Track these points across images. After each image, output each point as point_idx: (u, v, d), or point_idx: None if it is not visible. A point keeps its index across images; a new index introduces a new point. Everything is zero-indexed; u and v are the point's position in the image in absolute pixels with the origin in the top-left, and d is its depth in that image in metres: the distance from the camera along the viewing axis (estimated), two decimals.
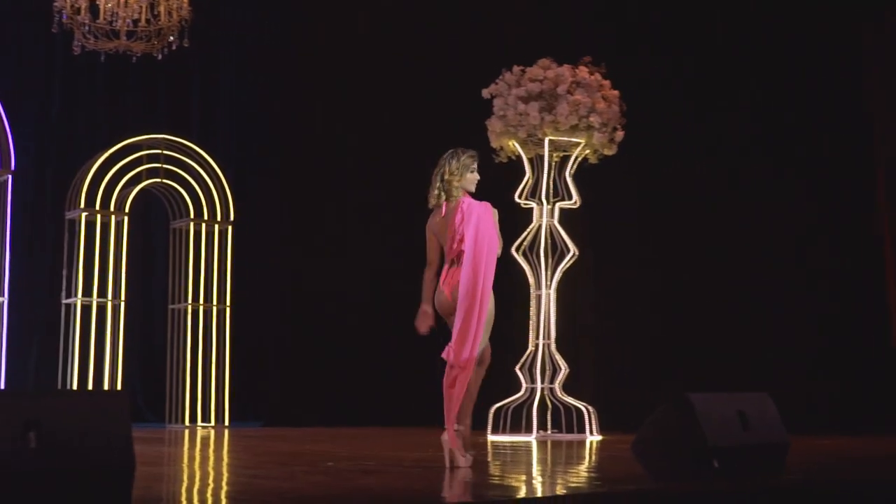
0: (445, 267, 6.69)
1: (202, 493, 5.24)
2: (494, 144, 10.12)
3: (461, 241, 6.59)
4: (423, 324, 6.74)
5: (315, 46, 12.40)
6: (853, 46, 10.91)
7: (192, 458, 7.61)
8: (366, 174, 12.47)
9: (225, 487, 5.55)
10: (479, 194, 11.91)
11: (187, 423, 11.64)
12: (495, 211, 6.78)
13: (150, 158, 11.70)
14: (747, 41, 11.22)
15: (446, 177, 6.74)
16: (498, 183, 10.63)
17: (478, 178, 6.80)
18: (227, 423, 11.72)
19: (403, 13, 12.56)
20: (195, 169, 11.81)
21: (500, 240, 6.75)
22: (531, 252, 10.14)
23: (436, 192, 6.77)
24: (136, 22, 10.20)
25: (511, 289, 10.98)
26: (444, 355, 6.50)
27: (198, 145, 11.91)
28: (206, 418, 11.68)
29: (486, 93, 10.09)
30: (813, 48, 10.98)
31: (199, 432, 10.90)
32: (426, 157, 12.29)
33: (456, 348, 6.49)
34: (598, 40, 10.90)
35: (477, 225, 6.58)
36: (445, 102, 12.41)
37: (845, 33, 10.93)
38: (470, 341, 6.52)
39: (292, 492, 5.18)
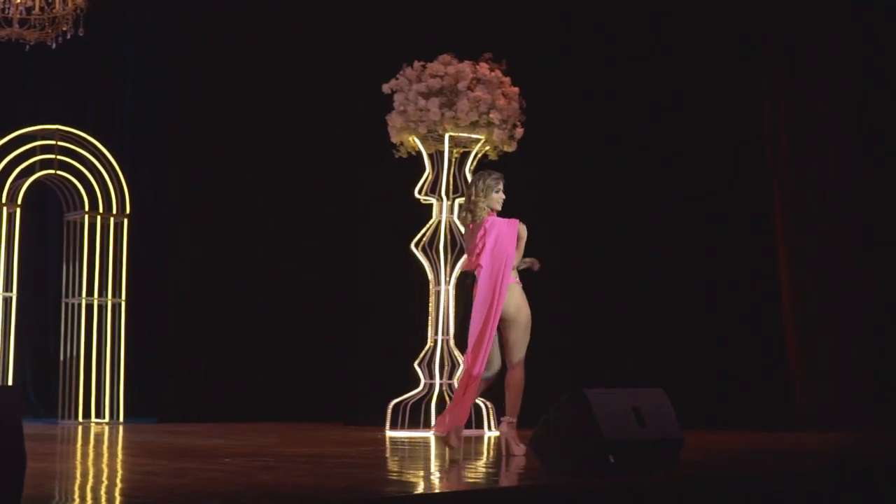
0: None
1: (95, 490, 5.16)
2: (394, 140, 10.11)
3: (479, 255, 7.16)
4: None
5: (217, 37, 12.24)
6: (753, 54, 11.05)
7: (85, 455, 7.49)
8: (268, 168, 12.35)
9: (119, 484, 5.48)
10: (377, 189, 11.95)
11: (81, 419, 11.44)
12: (523, 226, 7.39)
13: (44, 149, 11.47)
14: (647, 41, 11.31)
15: (473, 198, 7.30)
16: (398, 178, 10.67)
17: (503, 197, 7.35)
18: (121, 419, 11.55)
19: (304, 5, 12.48)
20: (90, 160, 11.62)
21: (517, 254, 7.35)
22: (430, 248, 10.14)
23: (464, 213, 7.39)
24: (29, 10, 10.00)
25: (410, 285, 11.00)
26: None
27: (94, 136, 11.72)
28: (99, 414, 11.50)
29: (386, 88, 10.06)
30: (712, 51, 11.10)
31: (93, 429, 10.74)
32: (328, 151, 12.34)
33: (472, 358, 7.14)
34: (498, 37, 10.93)
35: (496, 241, 7.16)
36: (346, 96, 12.37)
37: (745, 39, 11.07)
38: (483, 351, 7.15)
39: (186, 488, 5.13)
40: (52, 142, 11.51)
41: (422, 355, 10.11)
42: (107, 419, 11.47)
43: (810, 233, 10.59)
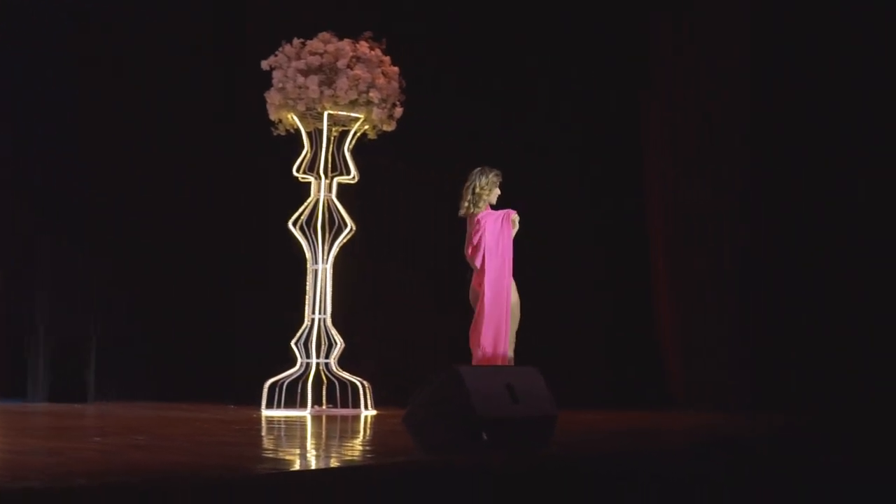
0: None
1: None
2: (273, 117, 10.04)
3: (475, 246, 7.98)
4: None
5: (88, 14, 11.97)
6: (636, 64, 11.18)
7: None
8: (145, 142, 12.13)
9: None
10: (255, 166, 11.79)
11: None
12: (516, 216, 8.23)
13: None
14: (531, 29, 11.36)
15: (477, 190, 8.06)
16: (277, 156, 10.61)
17: (499, 192, 8.11)
18: None
19: None
20: None
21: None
22: (308, 226, 10.11)
23: (466, 203, 8.08)
24: None
25: (289, 263, 10.96)
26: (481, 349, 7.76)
27: None
28: None
29: (265, 64, 9.99)
30: (597, 51, 11.20)
31: None
32: (206, 127, 12.17)
33: (492, 342, 7.79)
34: (379, 16, 10.90)
35: (491, 233, 7.95)
36: (223, 72, 12.23)
37: (631, 33, 11.18)
38: (504, 336, 7.87)
39: (56, 467, 5.05)
40: None
41: (298, 334, 10.08)
42: None
43: (683, 213, 10.79)
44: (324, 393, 10.04)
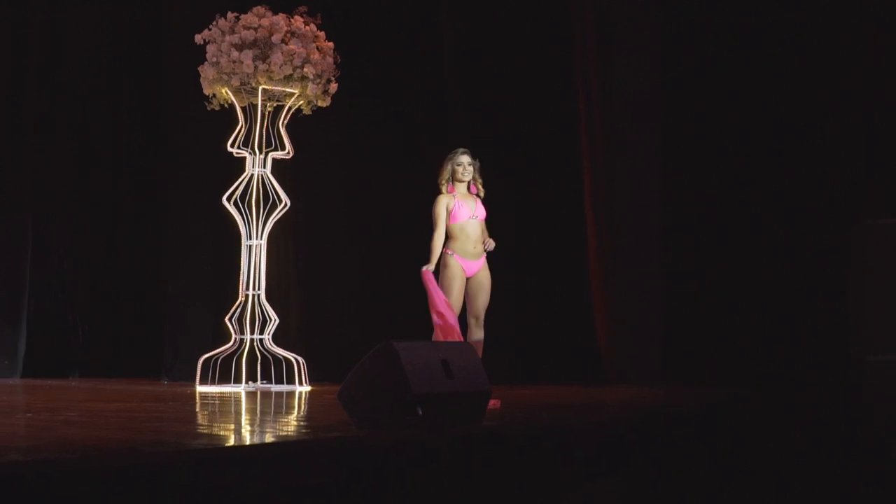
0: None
1: None
2: (207, 91, 9.98)
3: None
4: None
5: None
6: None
7: None
8: (84, 114, 12.00)
9: None
10: (190, 141, 11.70)
11: None
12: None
13: None
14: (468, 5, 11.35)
15: (451, 167, 8.15)
16: (211, 131, 10.54)
17: (471, 171, 8.20)
18: None
19: None
20: None
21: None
22: (242, 202, 10.07)
23: (443, 180, 8.15)
24: None
25: (222, 239, 10.91)
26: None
27: None
28: None
29: (199, 38, 9.92)
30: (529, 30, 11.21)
31: None
32: (139, 101, 12.05)
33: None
34: None
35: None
36: (159, 47, 12.12)
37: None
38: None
39: None
40: None
41: (233, 310, 10.05)
42: None
43: (614, 194, 10.88)
44: (258, 369, 10.03)
